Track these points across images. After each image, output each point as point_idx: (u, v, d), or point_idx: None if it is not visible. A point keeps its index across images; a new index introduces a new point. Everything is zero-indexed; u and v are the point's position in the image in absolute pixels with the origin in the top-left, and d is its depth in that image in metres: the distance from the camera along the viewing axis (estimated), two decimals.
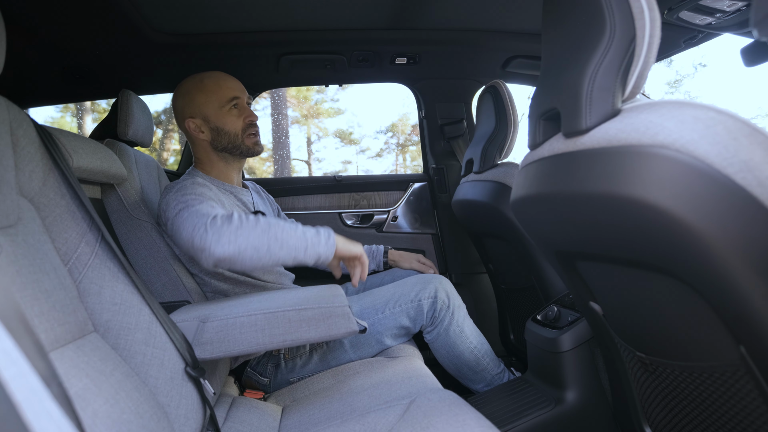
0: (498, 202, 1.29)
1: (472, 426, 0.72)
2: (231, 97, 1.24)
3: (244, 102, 1.27)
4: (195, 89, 1.24)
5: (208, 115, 1.24)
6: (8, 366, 0.23)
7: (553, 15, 0.72)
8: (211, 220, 0.95)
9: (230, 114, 1.24)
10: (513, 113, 1.39)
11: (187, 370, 0.79)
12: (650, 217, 0.52)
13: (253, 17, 1.38)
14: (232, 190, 1.28)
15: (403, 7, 1.37)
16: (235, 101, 1.25)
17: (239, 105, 1.26)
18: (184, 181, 1.14)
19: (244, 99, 1.27)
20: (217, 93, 1.24)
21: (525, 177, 0.77)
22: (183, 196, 1.07)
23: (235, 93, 1.25)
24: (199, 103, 1.24)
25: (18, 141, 0.67)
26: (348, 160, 9.86)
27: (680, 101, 0.52)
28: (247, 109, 1.27)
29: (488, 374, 1.31)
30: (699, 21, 1.22)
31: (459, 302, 1.30)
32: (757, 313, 0.50)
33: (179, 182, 1.14)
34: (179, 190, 1.10)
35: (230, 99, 1.24)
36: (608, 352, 0.88)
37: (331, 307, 0.90)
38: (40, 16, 1.21)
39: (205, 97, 1.24)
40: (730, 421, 0.64)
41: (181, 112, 1.27)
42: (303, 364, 1.20)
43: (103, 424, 0.58)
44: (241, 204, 1.27)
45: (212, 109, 1.24)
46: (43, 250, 0.66)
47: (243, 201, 1.29)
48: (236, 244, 0.92)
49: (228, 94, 1.24)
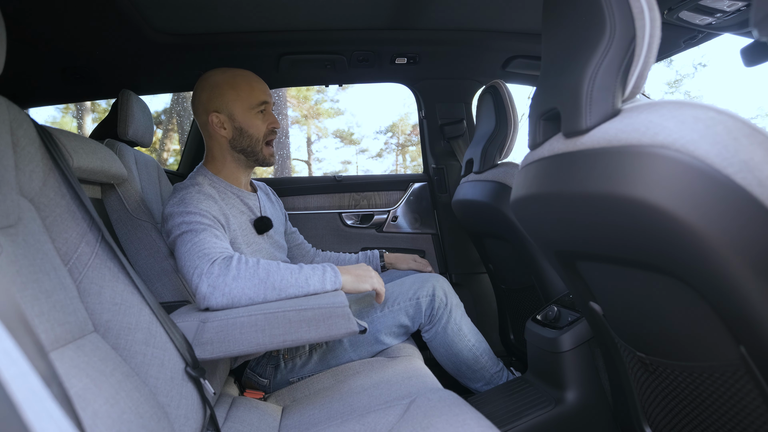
0: (498, 202, 1.29)
1: (472, 426, 0.72)
2: (262, 101, 1.22)
3: (271, 108, 1.26)
4: (226, 84, 1.20)
5: (234, 114, 1.20)
6: (8, 366, 0.23)
7: (553, 15, 0.72)
8: (208, 268, 0.94)
9: (257, 117, 1.22)
10: (513, 113, 1.39)
11: (187, 370, 0.79)
12: (650, 217, 0.52)
13: (253, 17, 1.38)
14: (239, 193, 1.25)
15: (403, 7, 1.37)
16: (264, 106, 1.22)
17: (266, 110, 1.24)
18: (188, 189, 1.11)
19: (271, 104, 1.26)
20: (249, 93, 1.21)
21: (525, 177, 0.77)
22: (186, 215, 1.04)
23: (266, 98, 1.23)
24: (229, 100, 1.20)
25: (18, 141, 0.67)
26: (348, 160, 9.87)
27: (680, 101, 0.52)
28: (272, 116, 1.25)
29: (487, 373, 1.31)
30: (699, 21, 1.22)
31: (457, 301, 1.31)
32: (757, 313, 0.50)
33: (184, 188, 1.11)
34: (182, 201, 1.07)
35: (261, 102, 1.22)
36: (608, 352, 0.88)
37: (331, 308, 0.90)
38: (40, 16, 1.21)
39: (235, 95, 1.20)
40: (730, 421, 0.64)
41: (204, 105, 1.22)
42: (302, 365, 1.20)
43: (104, 424, 0.58)
44: (247, 209, 1.25)
45: (240, 108, 1.20)
46: (44, 250, 0.66)
47: (249, 205, 1.26)
48: (230, 296, 0.92)
49: (260, 97, 1.22)
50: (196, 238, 1.00)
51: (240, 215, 1.21)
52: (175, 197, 1.09)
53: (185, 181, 1.17)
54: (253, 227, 1.23)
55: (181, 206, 1.06)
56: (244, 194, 1.26)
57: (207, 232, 1.02)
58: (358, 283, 1.04)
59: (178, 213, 1.05)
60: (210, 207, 1.08)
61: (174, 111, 7.95)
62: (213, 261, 0.95)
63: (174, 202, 1.08)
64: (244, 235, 1.19)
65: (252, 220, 1.24)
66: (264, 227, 1.25)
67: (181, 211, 1.05)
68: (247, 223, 1.22)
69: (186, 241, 1.00)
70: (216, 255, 0.97)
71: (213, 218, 1.07)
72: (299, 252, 1.54)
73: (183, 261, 0.98)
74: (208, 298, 0.92)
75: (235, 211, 1.20)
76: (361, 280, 1.04)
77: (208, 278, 0.93)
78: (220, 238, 1.03)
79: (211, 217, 1.06)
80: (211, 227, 1.04)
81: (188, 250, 0.98)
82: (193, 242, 0.99)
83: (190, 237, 1.00)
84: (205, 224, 1.03)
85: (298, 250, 1.55)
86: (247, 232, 1.21)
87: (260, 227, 1.24)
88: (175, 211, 1.06)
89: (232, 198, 1.22)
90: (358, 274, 1.05)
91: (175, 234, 1.03)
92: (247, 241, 1.19)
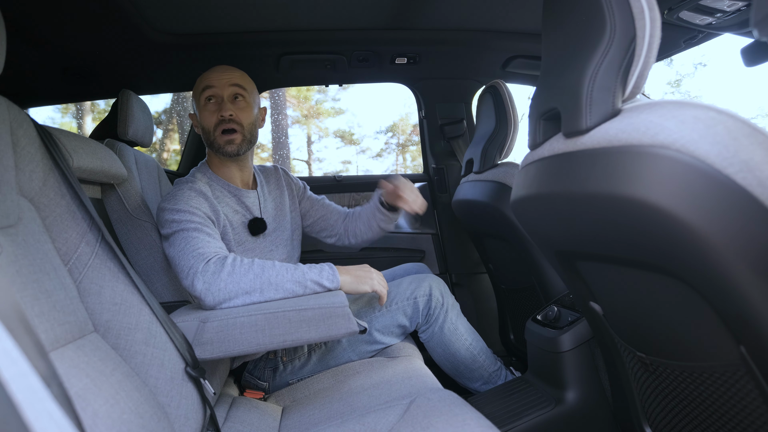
0: (498, 202, 1.29)
1: (472, 426, 0.72)
2: (203, 87, 1.16)
3: (224, 94, 1.15)
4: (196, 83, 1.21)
5: (197, 110, 1.20)
6: (8, 366, 0.23)
7: (553, 15, 0.72)
8: (203, 267, 0.94)
9: (206, 108, 1.16)
10: (513, 113, 1.39)
11: (188, 370, 0.79)
12: (650, 217, 0.52)
13: (253, 17, 1.38)
14: (236, 192, 1.22)
15: (403, 7, 1.37)
16: (207, 92, 1.15)
17: (215, 99, 1.16)
18: (181, 186, 1.11)
19: (224, 91, 1.15)
20: (198, 85, 1.18)
21: (525, 177, 0.77)
22: (176, 213, 1.03)
23: (210, 83, 1.15)
24: (194, 98, 1.22)
25: (18, 141, 0.67)
26: (348, 160, 9.86)
27: (680, 101, 0.52)
28: (222, 105, 1.15)
29: (485, 372, 1.31)
30: (699, 21, 1.22)
31: (453, 300, 1.31)
32: (757, 313, 0.50)
33: (178, 184, 1.12)
34: (173, 197, 1.07)
35: (202, 89, 1.16)
36: (608, 352, 0.88)
37: (331, 308, 0.90)
38: (40, 17, 1.21)
39: (194, 92, 1.20)
40: (730, 421, 0.64)
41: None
42: (301, 366, 1.20)
43: (104, 424, 0.58)
44: (243, 208, 1.22)
45: (197, 104, 1.19)
46: (44, 250, 0.66)
47: (247, 204, 1.23)
48: (226, 291, 0.92)
49: (201, 84, 1.16)
50: (190, 237, 1.00)
51: (233, 215, 1.19)
52: (170, 193, 1.10)
53: (185, 177, 1.18)
54: (247, 228, 1.21)
55: (171, 202, 1.06)
56: (242, 193, 1.23)
57: (199, 232, 1.02)
58: (357, 285, 1.03)
59: (167, 210, 1.05)
60: (200, 204, 1.08)
61: (174, 111, 7.95)
62: (208, 260, 0.95)
63: (167, 198, 1.09)
64: (236, 234, 1.18)
65: (247, 221, 1.21)
66: (258, 229, 1.22)
67: (171, 207, 1.05)
68: (240, 224, 1.20)
69: (179, 239, 1.00)
70: (211, 255, 0.97)
71: (203, 215, 1.06)
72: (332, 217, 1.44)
73: (177, 260, 0.98)
74: (204, 297, 0.92)
75: (229, 210, 1.18)
76: (361, 281, 1.04)
77: (203, 276, 0.93)
78: (213, 236, 1.03)
79: (201, 215, 1.06)
80: (203, 225, 1.04)
81: (182, 250, 0.98)
82: (187, 242, 0.99)
83: (183, 236, 1.00)
84: (196, 222, 1.03)
85: (331, 215, 1.44)
86: (240, 231, 1.19)
87: (254, 229, 1.21)
88: (165, 207, 1.06)
89: (227, 197, 1.20)
90: (358, 275, 1.04)
91: (167, 231, 1.03)
92: (238, 240, 1.18)
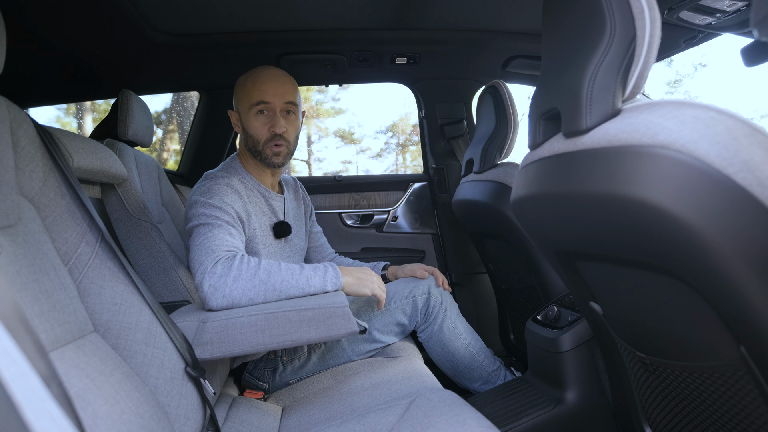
0: (498, 202, 1.29)
1: (472, 426, 0.72)
2: (257, 101, 1.15)
3: (277, 109, 1.16)
4: (240, 83, 1.19)
5: (240, 113, 1.20)
6: (8, 366, 0.23)
7: (553, 15, 0.72)
8: (212, 267, 0.94)
9: (256, 119, 1.16)
10: (513, 113, 1.39)
11: (188, 370, 0.79)
12: (651, 217, 0.52)
13: (253, 17, 1.38)
14: (266, 193, 1.23)
15: (403, 7, 1.37)
16: (261, 106, 1.15)
17: (267, 112, 1.17)
18: (218, 180, 1.11)
19: (277, 105, 1.16)
20: (249, 93, 1.16)
21: (525, 177, 0.77)
22: (209, 207, 1.04)
23: (264, 97, 1.15)
24: (238, 99, 1.20)
25: (18, 141, 0.67)
26: (348, 160, 9.86)
27: (680, 101, 0.52)
28: (274, 118, 1.16)
29: (484, 371, 1.31)
30: (699, 21, 1.22)
31: (451, 300, 1.31)
32: (757, 313, 0.50)
33: (213, 178, 1.12)
34: (209, 191, 1.07)
35: (256, 103, 1.15)
36: (608, 352, 0.88)
37: (331, 308, 0.90)
38: (40, 16, 1.21)
39: (241, 94, 1.18)
40: (730, 421, 0.64)
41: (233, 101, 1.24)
42: (301, 366, 1.20)
43: (104, 424, 0.58)
44: (270, 210, 1.23)
45: (243, 108, 1.18)
46: (44, 250, 0.66)
47: (273, 207, 1.24)
48: (230, 297, 0.93)
49: (256, 97, 1.15)
50: (209, 233, 1.00)
51: (261, 215, 1.20)
52: (204, 185, 1.10)
53: (216, 171, 1.18)
54: (272, 231, 1.22)
55: (207, 196, 1.06)
56: (271, 195, 1.25)
57: (222, 229, 1.02)
58: (359, 287, 1.04)
59: (201, 203, 1.06)
60: (234, 202, 1.09)
61: (174, 111, 7.95)
62: (217, 260, 0.96)
63: (201, 191, 1.08)
64: (263, 236, 1.19)
65: (272, 223, 1.23)
66: (282, 233, 1.23)
67: (205, 201, 1.05)
68: (266, 226, 1.21)
69: (200, 233, 1.01)
70: (222, 253, 0.97)
71: (234, 214, 1.07)
72: (318, 254, 1.50)
73: (192, 254, 0.99)
74: (209, 299, 0.92)
75: (258, 211, 1.19)
76: (362, 284, 1.04)
77: (210, 278, 0.93)
78: (233, 235, 1.04)
79: (233, 213, 1.07)
80: (228, 224, 1.04)
81: (200, 244, 0.99)
82: (205, 236, 1.00)
83: (204, 230, 1.01)
84: (224, 220, 1.04)
85: (317, 252, 1.50)
86: (266, 234, 1.20)
87: (278, 232, 1.23)
88: (199, 200, 1.06)
89: (257, 197, 1.21)
90: (360, 277, 1.05)
91: (193, 224, 1.04)
92: (264, 243, 1.18)
